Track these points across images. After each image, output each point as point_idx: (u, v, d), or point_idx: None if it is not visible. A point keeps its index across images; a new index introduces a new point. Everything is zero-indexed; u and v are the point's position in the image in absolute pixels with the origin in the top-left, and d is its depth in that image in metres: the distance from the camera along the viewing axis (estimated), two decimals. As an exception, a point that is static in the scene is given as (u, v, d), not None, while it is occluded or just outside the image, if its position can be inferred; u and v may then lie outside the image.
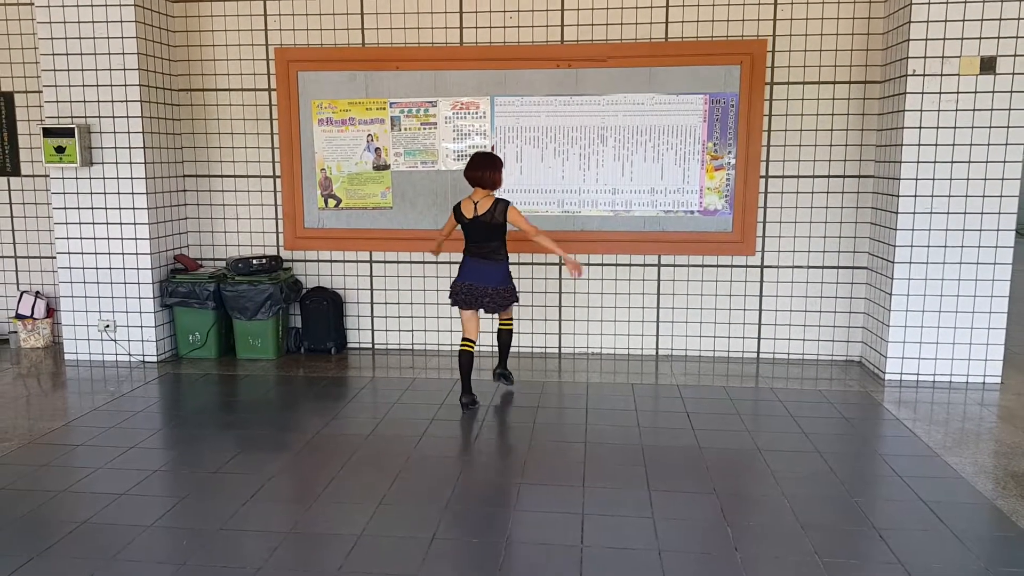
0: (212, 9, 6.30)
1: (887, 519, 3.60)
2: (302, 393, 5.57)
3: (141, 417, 4.98)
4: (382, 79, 6.21)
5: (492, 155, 5.07)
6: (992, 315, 5.53)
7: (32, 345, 6.65)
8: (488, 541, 3.42)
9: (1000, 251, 5.47)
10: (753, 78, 5.89)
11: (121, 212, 6.01)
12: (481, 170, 4.95)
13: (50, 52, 5.88)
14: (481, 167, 4.96)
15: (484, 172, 4.95)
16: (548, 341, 6.44)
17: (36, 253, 6.74)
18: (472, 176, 4.98)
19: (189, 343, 6.27)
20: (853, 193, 6.01)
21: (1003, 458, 4.33)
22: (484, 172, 4.95)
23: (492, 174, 4.97)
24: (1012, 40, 5.24)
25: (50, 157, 5.88)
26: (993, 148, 5.36)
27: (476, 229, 4.98)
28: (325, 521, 3.58)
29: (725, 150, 6.01)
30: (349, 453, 4.34)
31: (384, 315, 6.56)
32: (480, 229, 4.97)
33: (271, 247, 6.56)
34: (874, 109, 5.89)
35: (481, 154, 5.05)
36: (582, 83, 6.05)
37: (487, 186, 4.97)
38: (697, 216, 6.12)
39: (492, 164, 4.98)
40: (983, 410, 5.10)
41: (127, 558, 3.24)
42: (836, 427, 4.85)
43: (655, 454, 4.33)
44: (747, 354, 6.29)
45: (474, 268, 5.01)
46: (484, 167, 4.96)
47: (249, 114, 6.40)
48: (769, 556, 3.28)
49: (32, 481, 4.00)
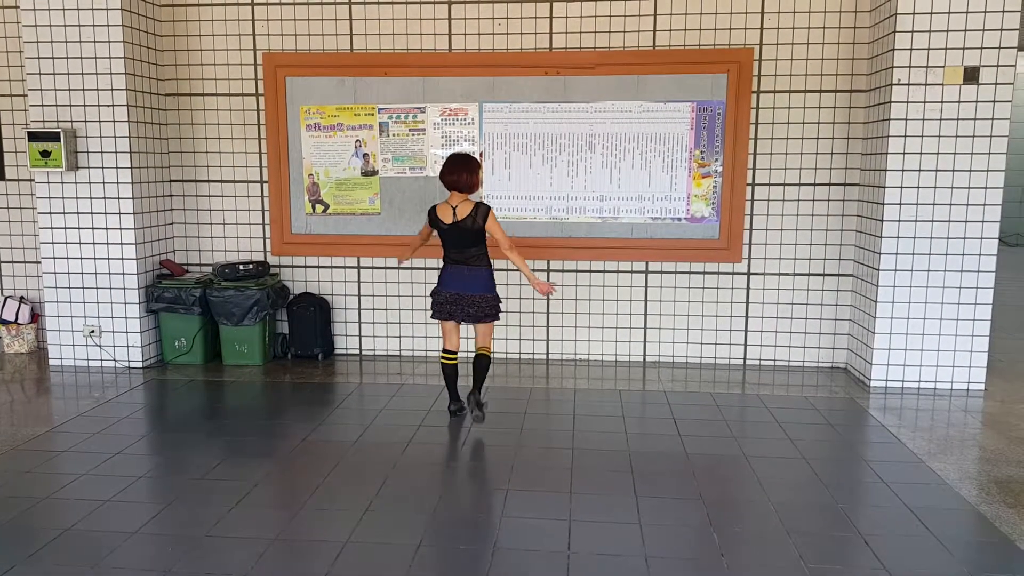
0: (199, 13, 6.28)
1: (872, 525, 3.62)
2: (289, 399, 5.55)
3: (126, 423, 4.94)
4: (370, 85, 6.21)
5: (469, 156, 4.80)
6: (976, 322, 5.58)
7: (16, 350, 6.59)
8: (475, 548, 3.41)
9: (984, 259, 5.51)
10: (740, 86, 5.92)
11: (107, 217, 5.98)
12: (458, 173, 4.70)
13: (36, 55, 5.84)
14: (459, 170, 4.70)
15: (462, 175, 4.70)
16: (535, 347, 6.45)
17: (21, 258, 6.70)
18: (449, 180, 4.72)
19: (175, 349, 6.23)
20: (839, 201, 6.06)
21: (987, 464, 4.36)
22: (462, 175, 4.70)
23: (470, 177, 4.71)
24: (995, 51, 5.30)
25: (35, 161, 5.84)
26: (976, 157, 5.41)
27: (456, 235, 4.72)
28: (311, 528, 3.56)
29: (712, 158, 6.05)
30: (336, 459, 4.33)
31: (372, 321, 6.54)
32: (460, 235, 4.71)
33: (258, 252, 6.54)
34: (859, 118, 5.94)
35: (457, 155, 4.78)
36: (570, 90, 6.07)
37: (464, 190, 4.72)
38: (684, 223, 6.14)
39: (469, 166, 4.72)
40: (967, 416, 5.14)
41: (111, 565, 3.22)
42: (821, 433, 4.87)
43: (642, 460, 4.34)
44: (733, 360, 6.32)
45: (456, 276, 4.76)
46: (462, 169, 4.70)
47: (236, 119, 6.38)
48: (755, 562, 3.29)
49: (15, 487, 3.96)
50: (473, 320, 4.80)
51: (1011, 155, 5.98)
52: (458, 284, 4.75)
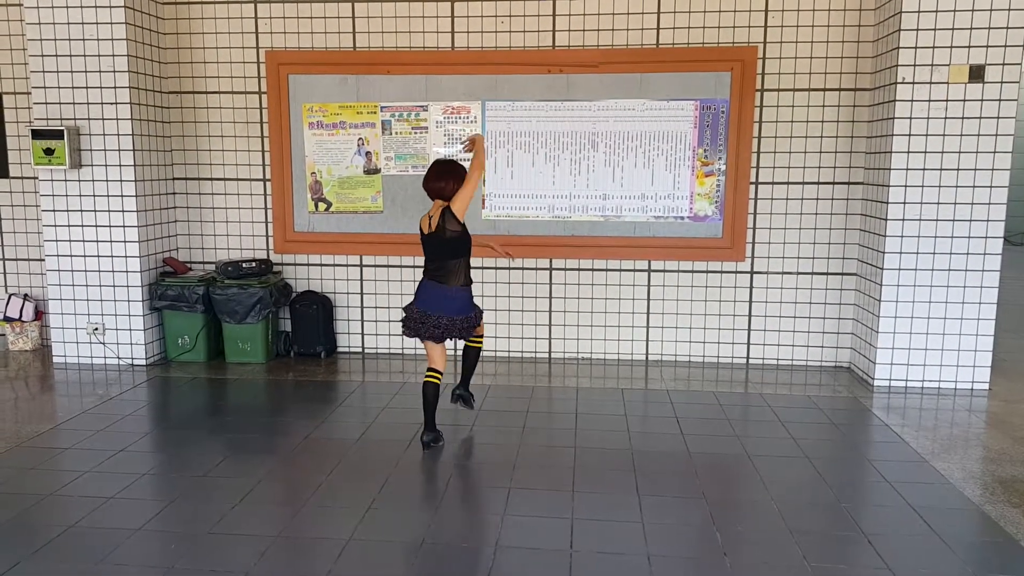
0: (203, 11, 6.28)
1: (875, 524, 3.61)
2: (291, 397, 5.55)
3: (130, 420, 4.95)
4: (373, 83, 6.21)
5: (455, 163, 4.40)
6: (980, 322, 5.56)
7: (20, 348, 6.60)
8: (477, 546, 3.41)
9: (988, 258, 5.50)
10: (743, 85, 5.91)
11: (110, 215, 5.98)
12: (445, 180, 4.28)
13: (39, 53, 5.85)
14: (445, 177, 4.29)
15: (448, 183, 4.28)
16: (538, 345, 6.44)
17: (25, 255, 6.71)
18: (434, 187, 4.30)
19: (178, 346, 6.24)
20: (843, 200, 6.04)
21: (991, 464, 4.35)
22: (448, 183, 4.28)
23: (455, 185, 4.27)
24: (1000, 49, 5.28)
25: (39, 159, 5.85)
26: (981, 156, 5.39)
27: (430, 246, 4.35)
28: (314, 525, 3.56)
29: (715, 156, 6.04)
30: (338, 457, 4.33)
31: (374, 319, 6.54)
32: (433, 245, 4.33)
33: (261, 251, 6.54)
34: (864, 116, 5.93)
35: (443, 162, 4.40)
36: (573, 88, 6.06)
37: (448, 198, 4.29)
38: (687, 222, 6.13)
39: (456, 173, 4.31)
40: (971, 416, 5.13)
41: (115, 562, 3.22)
42: (825, 433, 4.86)
43: (645, 459, 4.34)
44: (736, 359, 6.31)
45: (432, 294, 4.36)
46: (448, 177, 4.29)
47: (239, 117, 6.38)
48: (758, 561, 3.28)
49: (19, 484, 3.97)
50: (452, 337, 4.40)
51: (1017, 154, 5.97)
52: (432, 303, 4.35)
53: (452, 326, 4.35)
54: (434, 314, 4.32)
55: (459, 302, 4.37)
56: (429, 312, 4.33)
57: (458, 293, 4.36)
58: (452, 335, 4.39)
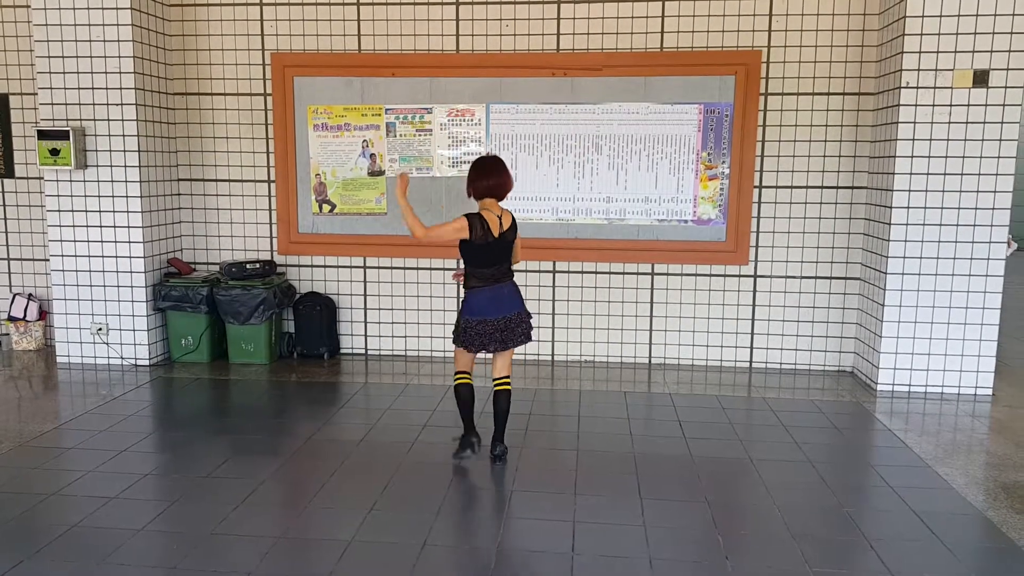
0: (209, 13, 6.30)
1: (878, 529, 3.61)
2: (294, 398, 5.56)
3: (133, 421, 4.96)
4: (378, 85, 6.22)
5: (500, 158, 4.28)
6: (984, 327, 5.55)
7: (24, 347, 6.62)
8: (479, 548, 3.41)
9: (992, 263, 5.49)
10: (748, 88, 5.91)
11: (115, 215, 6.00)
12: (499, 176, 4.15)
13: (46, 54, 5.87)
14: (499, 172, 4.16)
15: (503, 178, 4.16)
16: (541, 348, 6.44)
17: (29, 255, 6.72)
18: (490, 185, 4.15)
19: (182, 347, 6.25)
20: (846, 204, 6.04)
21: (994, 469, 4.34)
22: (503, 178, 4.16)
23: (508, 180, 4.21)
24: (1005, 54, 5.28)
25: (44, 159, 5.87)
26: (985, 161, 5.39)
27: (500, 249, 4.19)
28: (316, 526, 3.57)
29: (719, 160, 6.04)
30: (341, 459, 4.33)
31: (377, 321, 6.55)
32: (499, 248, 4.19)
33: (265, 252, 6.56)
34: (867, 120, 5.92)
35: (492, 158, 4.25)
36: (577, 91, 6.06)
37: (502, 196, 4.22)
38: (691, 225, 6.13)
39: (506, 169, 4.22)
40: (974, 421, 5.12)
41: (117, 562, 3.23)
42: (827, 437, 4.86)
43: (647, 462, 4.34)
44: (739, 363, 6.30)
45: (497, 298, 4.18)
46: (502, 172, 4.17)
47: (244, 118, 6.40)
48: (760, 565, 3.28)
49: (22, 484, 3.98)
50: (512, 344, 4.23)
51: (1021, 159, 5.96)
52: (503, 307, 4.18)
53: (522, 322, 4.25)
54: (515, 313, 4.20)
55: (518, 294, 4.30)
56: (509, 315, 4.19)
57: (515, 287, 4.31)
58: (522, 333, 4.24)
